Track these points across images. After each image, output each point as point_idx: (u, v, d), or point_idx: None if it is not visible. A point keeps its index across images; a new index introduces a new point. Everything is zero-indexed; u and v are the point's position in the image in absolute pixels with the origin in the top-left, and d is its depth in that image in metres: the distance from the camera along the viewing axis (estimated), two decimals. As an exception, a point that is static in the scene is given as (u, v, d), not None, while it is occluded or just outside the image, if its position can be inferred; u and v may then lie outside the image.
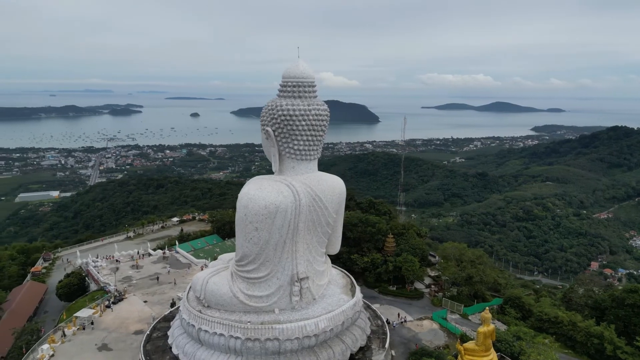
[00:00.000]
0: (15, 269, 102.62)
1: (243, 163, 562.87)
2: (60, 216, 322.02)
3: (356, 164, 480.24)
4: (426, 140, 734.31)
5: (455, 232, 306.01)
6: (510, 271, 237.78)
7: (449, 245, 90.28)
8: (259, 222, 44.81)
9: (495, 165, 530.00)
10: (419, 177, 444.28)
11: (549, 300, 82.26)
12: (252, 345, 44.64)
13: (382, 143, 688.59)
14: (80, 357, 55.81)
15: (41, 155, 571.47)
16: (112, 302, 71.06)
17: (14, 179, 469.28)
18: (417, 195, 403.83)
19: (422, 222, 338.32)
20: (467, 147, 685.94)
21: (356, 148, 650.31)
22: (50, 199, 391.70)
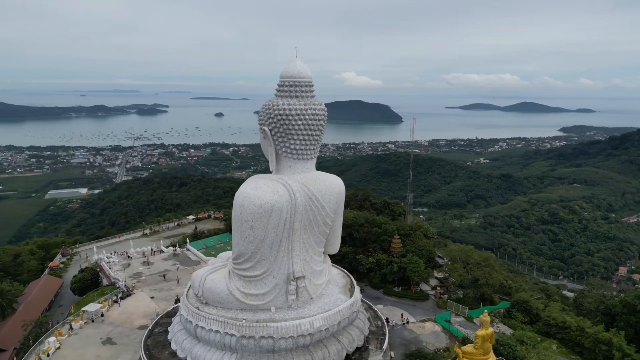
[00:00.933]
0: (34, 264, 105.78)
1: (265, 162, 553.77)
2: (87, 213, 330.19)
3: (378, 164, 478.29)
4: (450, 140, 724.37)
5: (478, 234, 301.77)
6: (534, 275, 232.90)
7: (455, 247, 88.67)
8: (255, 220, 45.01)
9: (521, 166, 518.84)
10: (441, 177, 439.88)
11: (558, 305, 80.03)
12: (246, 343, 44.87)
13: (404, 143, 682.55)
14: (84, 350, 57.16)
15: (71, 154, 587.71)
16: (120, 297, 72.52)
17: (45, 176, 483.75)
18: (439, 196, 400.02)
19: (444, 223, 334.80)
20: (491, 148, 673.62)
21: (378, 148, 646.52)
22: (79, 196, 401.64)
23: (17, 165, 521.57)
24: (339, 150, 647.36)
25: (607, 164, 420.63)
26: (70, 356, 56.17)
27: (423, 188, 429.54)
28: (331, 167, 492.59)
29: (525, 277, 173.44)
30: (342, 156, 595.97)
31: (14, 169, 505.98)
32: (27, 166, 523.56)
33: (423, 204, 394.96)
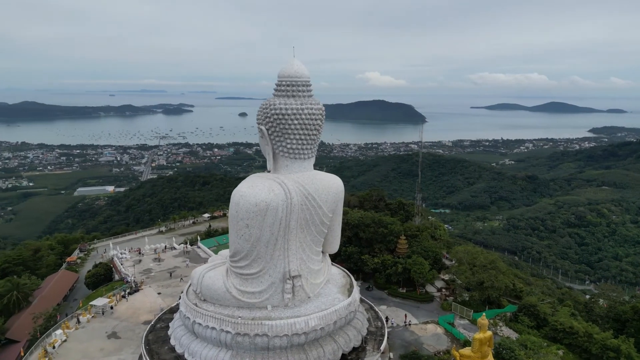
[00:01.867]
0: (53, 259, 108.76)
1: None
2: (113, 210, 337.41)
3: (399, 164, 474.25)
4: (474, 141, 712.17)
5: (501, 236, 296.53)
6: (559, 279, 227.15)
7: (461, 249, 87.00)
8: (250, 219, 45.25)
9: (547, 168, 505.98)
10: (464, 178, 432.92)
11: (567, 310, 77.61)
12: (241, 340, 45.16)
13: (428, 144, 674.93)
14: (89, 343, 58.53)
15: (99, 152, 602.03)
16: (128, 292, 73.85)
17: (74, 174, 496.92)
18: (462, 197, 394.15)
19: (467, 225, 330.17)
20: (517, 149, 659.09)
21: (400, 148, 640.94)
22: (106, 194, 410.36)
23: (48, 163, 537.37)
24: (360, 150, 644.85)
25: (638, 166, 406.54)
26: (76, 349, 57.61)
27: (445, 189, 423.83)
28: (353, 167, 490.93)
29: (547, 281, 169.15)
30: (364, 156, 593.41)
31: (45, 167, 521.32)
32: (58, 164, 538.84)
33: (445, 205, 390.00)
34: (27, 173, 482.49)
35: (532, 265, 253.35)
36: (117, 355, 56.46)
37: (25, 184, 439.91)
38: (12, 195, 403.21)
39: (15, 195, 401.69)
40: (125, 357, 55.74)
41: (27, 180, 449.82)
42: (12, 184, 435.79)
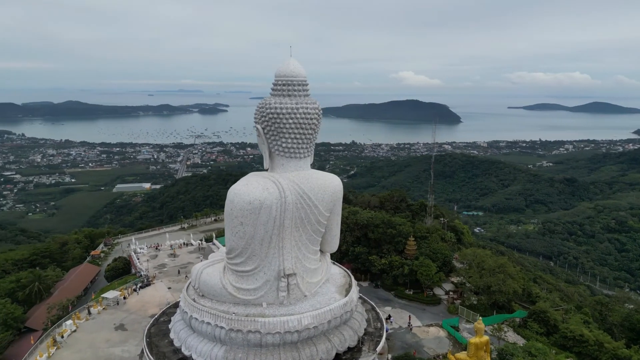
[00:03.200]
0: (78, 252, 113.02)
1: (318, 162, 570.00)
2: (149, 206, 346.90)
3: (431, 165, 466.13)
4: (511, 142, 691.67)
5: (535, 240, 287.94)
6: (596, 286, 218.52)
7: (470, 252, 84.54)
8: (244, 216, 45.65)
9: (588, 170, 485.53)
10: (498, 180, 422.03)
11: (579, 317, 74.23)
12: (234, 336, 45.66)
13: (462, 144, 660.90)
14: (97, 334, 60.52)
15: (137, 150, 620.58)
16: (140, 286, 75.81)
17: (113, 171, 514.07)
18: (495, 199, 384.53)
19: (500, 228, 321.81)
20: (556, 151, 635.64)
21: (434, 149, 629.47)
22: (142, 191, 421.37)
23: (90, 160, 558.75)
24: (392, 150, 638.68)
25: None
26: (84, 339, 59.65)
27: (479, 191, 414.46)
28: (384, 168, 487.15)
29: (579, 288, 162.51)
30: (396, 157, 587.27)
31: (87, 164, 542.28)
32: (98, 161, 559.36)
33: (478, 207, 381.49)
34: (69, 170, 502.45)
35: (567, 271, 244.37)
36: (122, 347, 58.18)
37: (67, 180, 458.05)
38: (55, 190, 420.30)
39: (58, 191, 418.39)
40: (129, 349, 57.34)
41: (69, 177, 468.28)
42: (56, 180, 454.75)
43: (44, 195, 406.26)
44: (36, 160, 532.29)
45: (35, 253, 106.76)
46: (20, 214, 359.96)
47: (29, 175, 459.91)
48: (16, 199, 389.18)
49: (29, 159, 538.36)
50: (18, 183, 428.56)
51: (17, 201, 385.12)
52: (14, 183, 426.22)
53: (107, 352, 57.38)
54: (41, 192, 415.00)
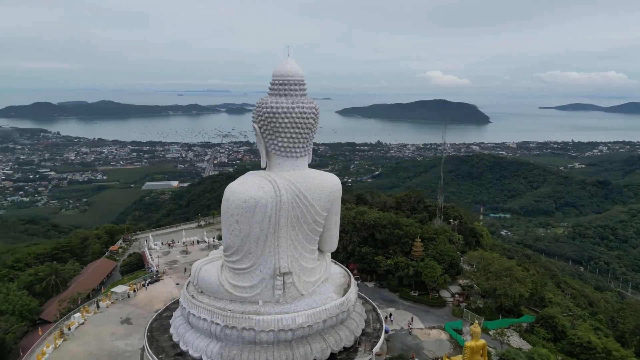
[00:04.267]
0: (98, 247, 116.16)
1: (343, 162, 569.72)
2: (175, 204, 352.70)
3: (458, 166, 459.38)
4: (541, 143, 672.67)
5: (565, 244, 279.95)
6: (628, 293, 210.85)
7: (476, 254, 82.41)
8: (239, 215, 46.06)
9: (622, 173, 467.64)
10: (527, 182, 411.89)
11: (589, 324, 71.40)
12: (229, 333, 46.24)
13: (490, 145, 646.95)
14: (104, 327, 62.21)
15: (166, 149, 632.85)
16: (149, 282, 77.34)
17: (143, 169, 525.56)
18: (524, 202, 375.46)
19: (527, 231, 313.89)
20: (589, 152, 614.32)
21: (461, 149, 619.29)
22: (170, 188, 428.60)
23: (121, 158, 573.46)
24: (418, 150, 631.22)
25: None
26: (90, 332, 61.41)
27: (506, 193, 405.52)
28: (409, 168, 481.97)
29: (606, 294, 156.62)
30: (422, 157, 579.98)
31: (118, 162, 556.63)
32: (129, 159, 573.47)
33: (505, 209, 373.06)
34: (101, 167, 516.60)
35: (598, 276, 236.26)
36: (125, 340, 59.58)
37: (99, 177, 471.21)
38: (87, 187, 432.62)
39: (90, 188, 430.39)
40: (132, 342, 58.65)
41: (101, 174, 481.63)
42: (88, 177, 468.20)
43: (77, 192, 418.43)
44: (70, 158, 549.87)
45: (56, 247, 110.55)
46: (54, 209, 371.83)
47: (63, 172, 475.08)
48: (50, 195, 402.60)
49: (64, 156, 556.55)
50: (53, 180, 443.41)
51: (51, 197, 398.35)
52: (48, 180, 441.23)
53: (111, 345, 58.91)
54: (74, 188, 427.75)
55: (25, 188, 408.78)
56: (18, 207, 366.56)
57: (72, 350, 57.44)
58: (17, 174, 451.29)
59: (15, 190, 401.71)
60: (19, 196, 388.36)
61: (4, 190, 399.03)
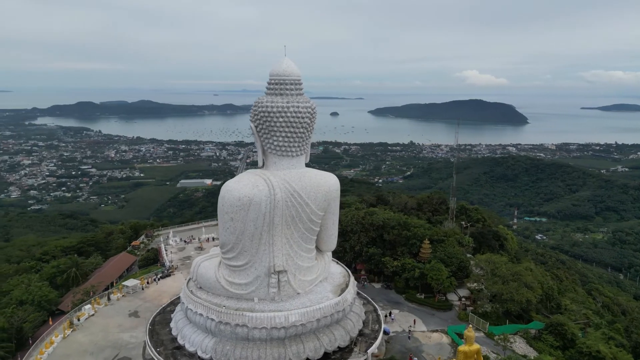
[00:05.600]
0: (121, 242, 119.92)
1: (374, 162, 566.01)
2: (208, 202, 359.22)
3: (493, 167, 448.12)
4: (582, 145, 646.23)
5: (604, 250, 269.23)
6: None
7: (484, 257, 79.75)
8: (234, 212, 46.64)
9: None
10: (565, 185, 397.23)
11: (602, 332, 67.97)
12: (223, 328, 46.99)
13: (527, 146, 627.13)
14: (112, 319, 64.44)
15: (201, 148, 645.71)
16: (160, 277, 79.26)
17: (178, 167, 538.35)
18: (561, 205, 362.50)
19: (564, 236, 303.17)
20: (634, 155, 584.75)
21: (497, 151, 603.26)
22: (204, 186, 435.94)
23: (157, 156, 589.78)
24: (452, 151, 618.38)
25: None
26: (98, 323, 63.68)
27: (543, 196, 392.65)
28: (442, 169, 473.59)
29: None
30: (456, 158, 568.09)
31: (154, 160, 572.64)
32: (165, 157, 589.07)
33: (541, 213, 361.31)
34: (139, 165, 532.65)
35: (638, 285, 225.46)
36: (131, 332, 61.40)
37: (137, 174, 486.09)
38: (125, 184, 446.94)
39: (128, 185, 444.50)
40: (137, 335, 60.33)
41: (138, 172, 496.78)
42: (126, 174, 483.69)
43: (116, 188, 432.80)
44: (110, 156, 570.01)
45: (82, 241, 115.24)
46: (93, 205, 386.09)
47: (103, 169, 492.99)
48: (91, 191, 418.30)
49: (104, 154, 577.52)
50: (93, 176, 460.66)
51: (91, 193, 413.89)
52: (89, 176, 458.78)
53: (117, 336, 60.90)
54: (113, 185, 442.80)
55: (68, 184, 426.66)
56: (60, 202, 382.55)
57: (79, 340, 59.74)
58: (60, 170, 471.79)
59: (58, 185, 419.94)
60: (61, 191, 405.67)
61: (47, 185, 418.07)
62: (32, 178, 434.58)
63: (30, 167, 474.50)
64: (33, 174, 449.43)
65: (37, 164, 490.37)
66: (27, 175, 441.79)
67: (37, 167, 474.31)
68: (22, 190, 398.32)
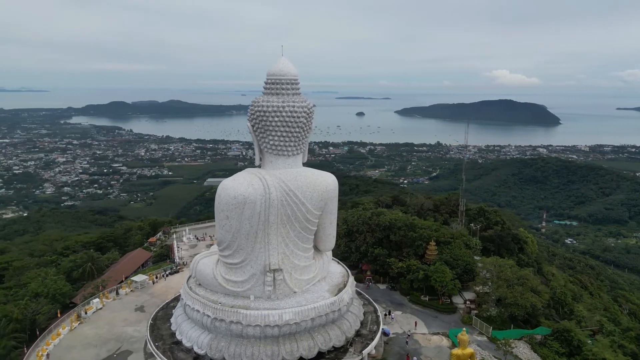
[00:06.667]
0: (139, 238, 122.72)
1: (400, 162, 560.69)
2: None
3: (522, 169, 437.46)
4: (618, 147, 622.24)
5: (637, 256, 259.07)
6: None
7: (488, 260, 77.53)
8: (229, 211, 47.13)
9: None
10: (598, 188, 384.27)
11: (611, 340, 65.17)
12: (219, 325, 47.67)
13: (559, 148, 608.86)
14: (118, 313, 66.14)
15: (228, 147, 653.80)
16: (169, 273, 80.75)
17: (206, 166, 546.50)
18: (593, 209, 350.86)
19: (595, 240, 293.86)
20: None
21: (527, 152, 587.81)
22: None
23: (185, 155, 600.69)
24: (480, 152, 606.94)
25: None
26: (105, 317, 65.47)
27: (574, 199, 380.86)
28: (468, 171, 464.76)
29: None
30: (484, 159, 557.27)
31: (183, 158, 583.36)
32: (193, 156, 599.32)
33: (572, 216, 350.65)
34: (168, 163, 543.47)
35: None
36: (135, 327, 62.81)
37: (165, 173, 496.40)
38: (154, 182, 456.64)
39: (157, 183, 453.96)
40: (140, 329, 61.56)
41: (167, 170, 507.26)
42: (155, 172, 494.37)
43: (145, 186, 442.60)
44: (140, 154, 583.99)
45: (102, 237, 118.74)
46: (123, 202, 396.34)
47: (134, 167, 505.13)
48: (121, 189, 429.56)
49: (135, 152, 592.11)
50: (124, 174, 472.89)
51: (122, 190, 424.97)
52: (120, 174, 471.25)
53: (121, 330, 62.47)
54: (143, 183, 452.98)
55: (100, 181, 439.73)
56: (92, 198, 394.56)
57: (85, 333, 61.61)
58: (93, 167, 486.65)
59: (91, 183, 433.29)
60: (93, 188, 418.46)
61: (80, 182, 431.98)
62: (66, 175, 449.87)
63: (64, 164, 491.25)
64: (67, 171, 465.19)
65: (71, 161, 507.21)
66: (62, 173, 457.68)
67: (71, 165, 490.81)
68: (57, 186, 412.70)
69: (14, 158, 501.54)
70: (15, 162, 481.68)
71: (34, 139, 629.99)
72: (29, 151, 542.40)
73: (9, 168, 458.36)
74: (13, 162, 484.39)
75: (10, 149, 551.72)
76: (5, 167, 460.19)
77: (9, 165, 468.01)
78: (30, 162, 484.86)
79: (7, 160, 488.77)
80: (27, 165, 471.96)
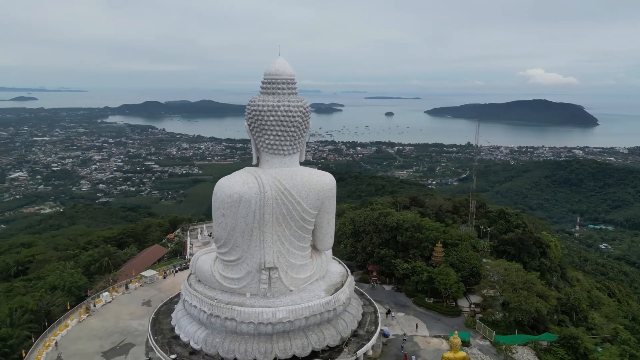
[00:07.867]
0: (158, 234, 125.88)
1: (428, 163, 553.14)
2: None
3: (555, 171, 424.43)
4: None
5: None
6: None
7: (494, 263, 75.25)
8: (225, 209, 47.82)
9: None
10: (636, 192, 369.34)
11: (622, 349, 62.19)
12: (214, 321, 48.57)
13: (596, 150, 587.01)
14: (125, 307, 68.10)
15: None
16: (178, 269, 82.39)
17: (235, 165, 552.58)
18: (631, 213, 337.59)
19: (632, 246, 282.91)
20: None
21: (561, 154, 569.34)
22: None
23: (216, 154, 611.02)
24: (512, 154, 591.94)
25: None
26: (113, 310, 67.48)
27: (610, 203, 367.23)
28: (499, 172, 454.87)
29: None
30: (515, 161, 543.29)
31: (213, 157, 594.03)
32: (223, 155, 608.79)
33: (607, 221, 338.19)
34: (198, 162, 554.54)
35: None
36: (140, 320, 64.43)
37: (195, 171, 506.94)
38: (184, 180, 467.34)
39: (187, 181, 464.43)
40: (145, 323, 62.98)
41: (197, 168, 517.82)
42: (186, 170, 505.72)
43: (176, 184, 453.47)
44: (172, 153, 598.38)
45: (123, 232, 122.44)
46: (154, 199, 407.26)
47: (165, 165, 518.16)
48: (153, 186, 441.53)
49: (167, 151, 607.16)
50: (156, 172, 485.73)
51: (153, 188, 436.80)
52: (152, 172, 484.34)
53: (127, 323, 64.26)
54: (173, 181, 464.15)
55: (133, 179, 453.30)
56: (125, 195, 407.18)
57: (92, 325, 63.79)
58: (126, 165, 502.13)
59: (124, 180, 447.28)
60: (126, 186, 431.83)
61: (115, 180, 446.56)
62: (101, 172, 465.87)
63: (100, 162, 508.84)
64: (102, 168, 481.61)
65: (106, 159, 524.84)
66: (97, 170, 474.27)
67: (106, 163, 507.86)
68: (92, 183, 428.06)
69: (52, 155, 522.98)
70: (54, 160, 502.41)
71: (72, 137, 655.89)
72: (67, 149, 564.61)
73: (47, 165, 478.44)
74: (52, 159, 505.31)
75: (50, 146, 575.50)
76: (44, 165, 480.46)
77: (48, 163, 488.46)
78: (68, 160, 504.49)
79: (47, 158, 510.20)
80: (65, 163, 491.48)
